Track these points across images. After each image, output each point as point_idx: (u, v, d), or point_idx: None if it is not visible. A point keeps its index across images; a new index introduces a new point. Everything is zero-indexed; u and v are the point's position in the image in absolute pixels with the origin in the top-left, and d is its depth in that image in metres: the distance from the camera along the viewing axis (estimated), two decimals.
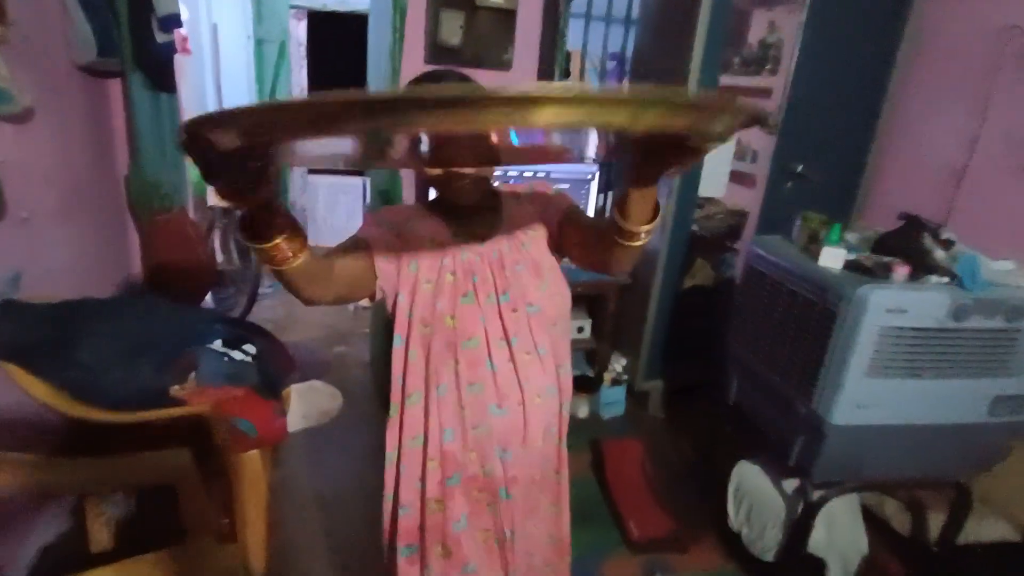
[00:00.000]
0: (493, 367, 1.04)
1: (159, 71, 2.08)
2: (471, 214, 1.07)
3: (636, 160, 0.81)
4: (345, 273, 0.98)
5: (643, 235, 0.88)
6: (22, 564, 1.52)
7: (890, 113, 2.52)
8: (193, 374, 1.51)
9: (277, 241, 0.78)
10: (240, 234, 0.79)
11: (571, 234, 1.09)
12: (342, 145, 0.72)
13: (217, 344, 1.60)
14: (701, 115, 0.60)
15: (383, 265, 1.02)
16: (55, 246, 1.76)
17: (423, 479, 1.07)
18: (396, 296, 1.05)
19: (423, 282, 1.04)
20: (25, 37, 1.56)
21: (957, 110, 2.30)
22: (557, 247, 1.12)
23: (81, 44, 1.85)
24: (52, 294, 1.58)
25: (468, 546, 1.10)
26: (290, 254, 0.80)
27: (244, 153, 0.61)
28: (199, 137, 0.58)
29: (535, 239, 1.11)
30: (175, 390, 1.47)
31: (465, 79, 0.96)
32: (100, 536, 1.53)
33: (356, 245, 1.01)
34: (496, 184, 1.14)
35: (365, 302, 1.15)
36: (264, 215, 0.75)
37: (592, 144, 0.87)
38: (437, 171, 0.97)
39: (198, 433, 1.36)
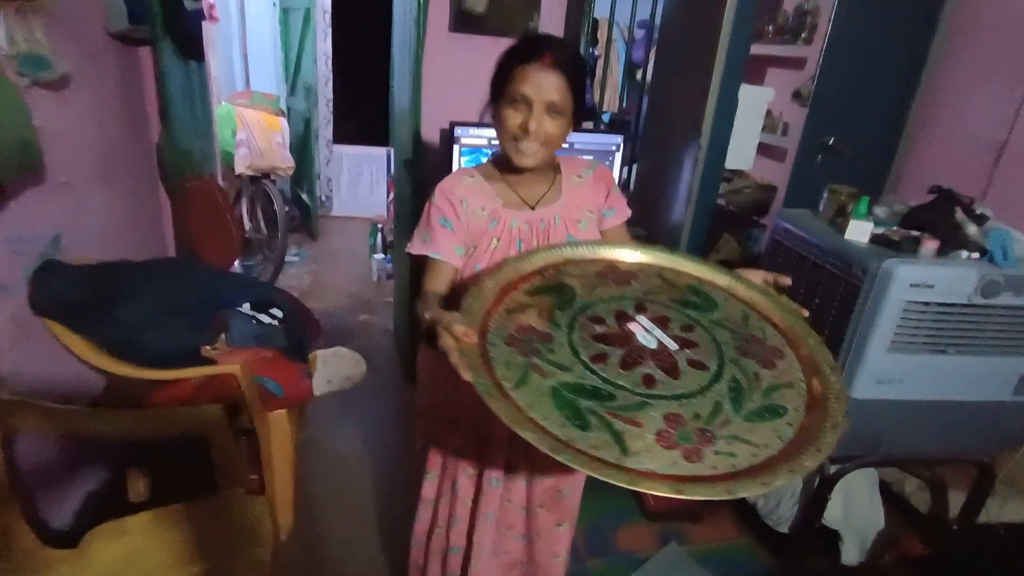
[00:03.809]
0: None
1: (188, 39, 2.10)
2: (525, 181, 1.13)
3: None
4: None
5: None
6: (68, 509, 1.61)
7: (928, 85, 2.43)
8: (223, 335, 1.57)
9: None
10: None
11: None
12: None
13: (246, 307, 1.65)
14: None
15: (458, 263, 1.11)
16: (92, 210, 1.82)
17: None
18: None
19: (470, 248, 1.12)
20: (61, 5, 1.59)
21: (998, 83, 2.21)
22: None
23: (113, 11, 1.88)
24: (91, 256, 1.64)
25: None
26: None
27: None
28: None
29: (591, 222, 1.18)
30: (206, 350, 1.52)
31: (580, 55, 1.08)
32: (137, 486, 1.61)
33: (439, 269, 1.09)
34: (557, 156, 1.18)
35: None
36: None
37: None
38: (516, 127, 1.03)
39: (228, 392, 1.42)
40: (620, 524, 1.99)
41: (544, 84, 1.00)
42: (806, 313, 0.95)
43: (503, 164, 1.12)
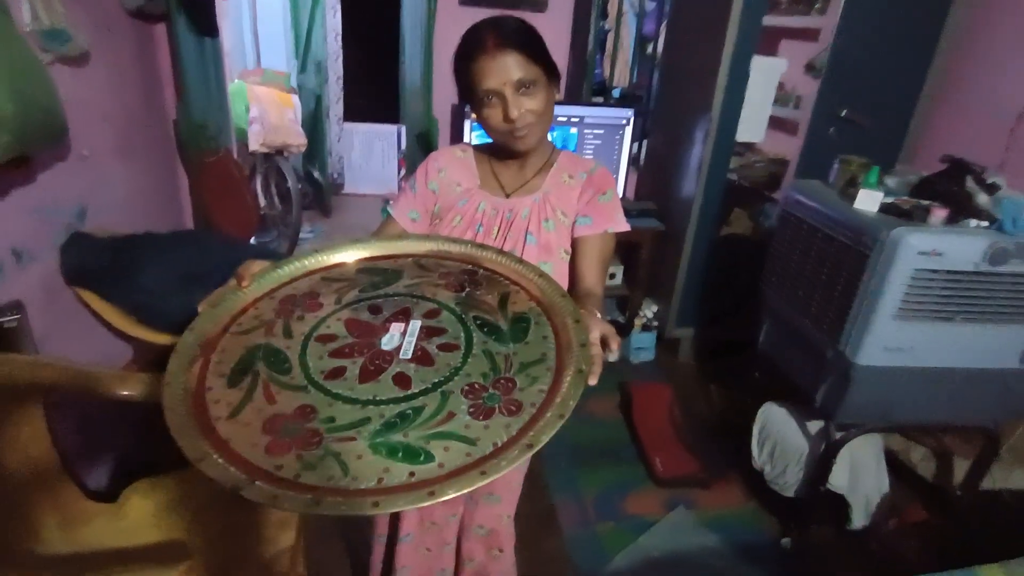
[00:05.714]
0: None
1: (202, 15, 2.12)
2: (511, 166, 1.12)
3: None
4: None
5: None
6: (104, 468, 1.68)
7: (945, 55, 2.40)
8: None
9: None
10: None
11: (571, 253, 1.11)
12: None
13: None
14: None
15: (407, 225, 1.14)
16: (113, 182, 1.87)
17: None
18: None
19: (435, 220, 1.13)
20: None
21: (1016, 53, 2.18)
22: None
23: None
24: (113, 228, 1.69)
25: None
26: None
27: None
28: None
29: (562, 225, 1.10)
30: None
31: (522, 23, 1.01)
32: (170, 446, 1.67)
33: (386, 226, 1.14)
34: (560, 150, 1.16)
35: None
36: None
37: None
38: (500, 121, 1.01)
39: None
40: (629, 490, 2.04)
41: (501, 69, 0.96)
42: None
43: (497, 148, 1.11)
